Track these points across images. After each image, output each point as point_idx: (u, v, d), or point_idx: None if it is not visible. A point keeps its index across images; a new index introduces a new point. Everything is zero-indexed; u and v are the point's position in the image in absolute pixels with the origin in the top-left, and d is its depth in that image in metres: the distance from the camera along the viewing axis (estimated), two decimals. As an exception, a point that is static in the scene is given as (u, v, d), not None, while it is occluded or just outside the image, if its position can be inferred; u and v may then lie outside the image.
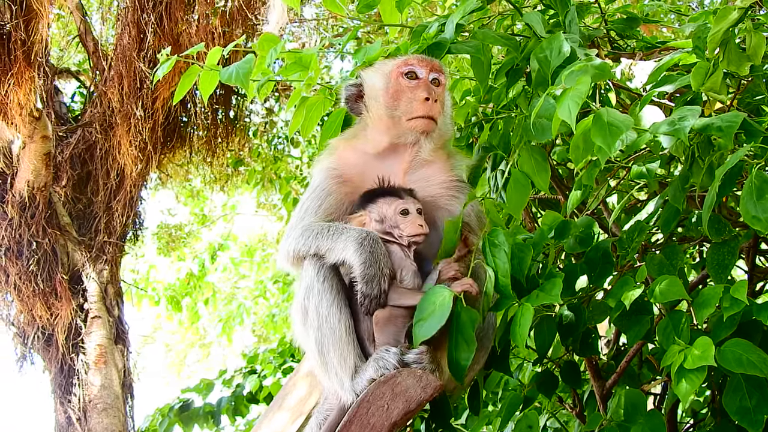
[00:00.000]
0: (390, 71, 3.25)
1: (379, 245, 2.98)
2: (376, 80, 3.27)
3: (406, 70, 3.21)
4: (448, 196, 3.22)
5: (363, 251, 2.95)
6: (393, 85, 3.21)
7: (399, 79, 3.21)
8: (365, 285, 2.92)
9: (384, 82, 3.24)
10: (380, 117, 3.21)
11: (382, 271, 2.95)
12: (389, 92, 3.21)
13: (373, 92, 3.26)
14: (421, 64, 3.22)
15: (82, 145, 10.09)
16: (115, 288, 10.14)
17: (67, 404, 9.31)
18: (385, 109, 3.20)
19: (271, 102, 11.83)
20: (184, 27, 9.41)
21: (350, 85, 3.33)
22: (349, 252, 2.97)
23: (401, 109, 3.18)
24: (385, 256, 2.98)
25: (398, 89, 3.20)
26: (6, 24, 8.20)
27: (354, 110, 3.34)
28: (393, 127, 3.19)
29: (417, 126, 3.15)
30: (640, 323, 2.97)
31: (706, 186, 2.67)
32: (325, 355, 3.01)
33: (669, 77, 2.98)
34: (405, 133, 3.18)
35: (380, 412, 2.78)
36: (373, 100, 3.25)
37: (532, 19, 3.24)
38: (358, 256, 2.95)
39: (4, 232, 9.26)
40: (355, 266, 2.95)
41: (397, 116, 3.18)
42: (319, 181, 3.23)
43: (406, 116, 3.17)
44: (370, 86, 3.28)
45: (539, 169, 3.10)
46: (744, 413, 2.67)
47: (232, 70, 3.31)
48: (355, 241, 2.97)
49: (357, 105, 3.32)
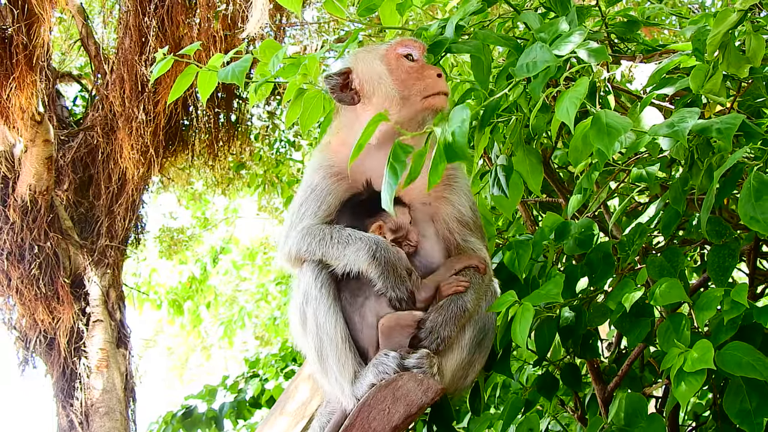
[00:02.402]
0: (387, 53, 3.19)
1: (390, 251, 2.97)
2: (374, 64, 3.19)
3: (405, 52, 3.17)
4: (446, 187, 3.19)
5: (378, 263, 2.94)
6: (396, 66, 3.15)
7: (400, 60, 3.16)
8: (392, 291, 2.94)
9: (385, 64, 3.17)
10: (387, 98, 3.11)
11: (401, 276, 2.96)
12: (395, 74, 3.14)
13: (371, 76, 3.17)
14: (415, 45, 3.20)
15: (84, 149, 10.11)
16: (117, 292, 10.15)
17: (69, 408, 9.32)
18: (395, 91, 3.10)
19: (273, 105, 11.84)
20: (185, 31, 9.43)
21: (334, 74, 3.20)
22: (364, 264, 2.95)
23: (414, 89, 3.10)
24: (399, 258, 2.99)
25: (404, 69, 3.14)
26: (8, 28, 8.22)
27: (344, 100, 3.21)
28: (404, 108, 3.10)
29: (436, 103, 3.09)
30: (640, 326, 2.97)
31: (705, 188, 2.66)
32: (325, 360, 3.01)
33: (669, 79, 2.98)
34: (419, 112, 3.10)
35: (381, 416, 2.78)
36: (375, 84, 3.15)
37: (529, 18, 3.24)
38: (374, 268, 2.94)
39: (6, 235, 9.28)
40: (374, 278, 2.95)
41: (410, 96, 3.10)
42: (317, 181, 3.17)
43: (422, 94, 3.09)
44: (365, 71, 3.18)
45: (533, 171, 3.09)
46: (744, 416, 2.66)
47: (230, 69, 3.30)
48: (367, 253, 2.95)
49: (345, 93, 3.20)
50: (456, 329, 3.01)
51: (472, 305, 3.05)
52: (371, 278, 2.95)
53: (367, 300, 3.00)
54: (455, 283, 3.04)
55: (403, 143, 2.57)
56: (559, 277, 2.92)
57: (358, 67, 3.20)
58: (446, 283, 3.05)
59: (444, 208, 3.18)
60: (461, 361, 3.08)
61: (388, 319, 2.99)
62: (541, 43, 2.76)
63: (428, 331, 2.97)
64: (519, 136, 3.22)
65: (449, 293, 3.02)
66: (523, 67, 2.76)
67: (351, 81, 3.20)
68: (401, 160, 2.54)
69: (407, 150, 2.55)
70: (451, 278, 3.06)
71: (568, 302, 3.18)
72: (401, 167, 2.53)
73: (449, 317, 2.99)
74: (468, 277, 3.07)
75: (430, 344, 2.95)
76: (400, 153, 2.55)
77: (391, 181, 2.54)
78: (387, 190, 2.55)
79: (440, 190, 3.18)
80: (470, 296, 3.04)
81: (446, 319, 2.99)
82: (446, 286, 3.04)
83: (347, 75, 3.20)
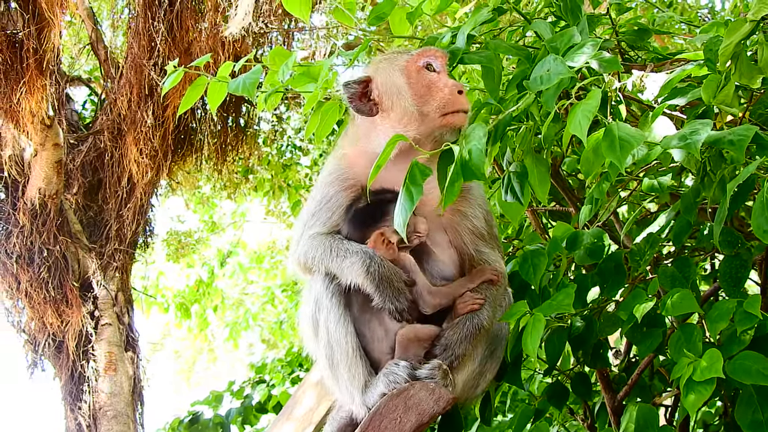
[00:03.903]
0: (407, 64, 3.07)
1: (384, 266, 2.95)
2: (393, 75, 3.07)
3: (425, 63, 3.06)
4: (461, 199, 3.14)
5: (372, 278, 2.92)
6: (417, 78, 3.04)
7: (421, 72, 3.05)
8: (389, 304, 2.92)
9: (403, 76, 3.06)
10: (406, 114, 3.01)
11: (398, 288, 2.94)
12: (415, 87, 3.02)
13: (390, 88, 3.05)
14: (437, 55, 3.08)
15: (93, 153, 10.13)
16: (126, 295, 10.17)
17: (78, 411, 9.32)
18: (414, 106, 3.00)
19: (281, 109, 11.84)
20: (194, 35, 9.44)
21: (353, 82, 3.09)
22: (359, 279, 2.95)
23: (434, 104, 2.99)
24: (395, 272, 2.96)
25: (425, 83, 3.02)
26: (18, 32, 8.24)
27: (361, 110, 3.10)
28: (422, 124, 3.00)
29: (455, 121, 2.99)
30: (652, 336, 2.97)
31: (717, 199, 2.66)
32: (336, 368, 3.02)
33: (680, 90, 2.97)
34: (437, 129, 3.01)
35: (393, 425, 2.79)
36: (393, 97, 3.04)
37: (540, 27, 3.24)
38: (369, 283, 2.93)
39: (16, 239, 9.29)
40: (371, 292, 2.94)
41: (429, 112, 3.00)
42: (331, 193, 3.14)
43: (441, 111, 2.99)
44: (384, 82, 3.07)
45: (541, 180, 3.08)
46: (756, 426, 2.65)
47: (240, 81, 3.29)
48: (361, 268, 2.94)
49: (363, 103, 3.10)
50: (471, 347, 3.01)
51: (488, 322, 3.04)
52: (368, 292, 2.94)
53: (376, 311, 3.00)
54: (471, 301, 3.03)
55: (421, 165, 2.55)
56: (570, 287, 2.91)
57: (378, 77, 3.10)
58: (461, 302, 3.03)
59: (457, 219, 3.15)
60: (473, 371, 3.09)
61: (408, 331, 2.99)
62: (554, 55, 2.75)
63: (443, 347, 2.97)
64: (529, 145, 3.21)
65: (465, 312, 3.02)
66: (537, 80, 2.74)
67: (370, 91, 3.10)
68: (418, 184, 2.52)
69: (426, 173, 2.52)
70: (466, 296, 3.04)
71: (579, 312, 3.17)
72: (418, 192, 2.51)
73: (464, 335, 2.99)
74: (483, 294, 3.05)
75: (444, 360, 2.95)
76: (418, 175, 2.53)
77: (406, 206, 2.53)
78: (401, 214, 2.54)
79: (455, 202, 3.09)
80: (486, 313, 3.03)
81: (461, 337, 2.98)
82: (461, 305, 3.03)
83: (367, 84, 3.10)
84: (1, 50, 8.06)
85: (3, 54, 8.09)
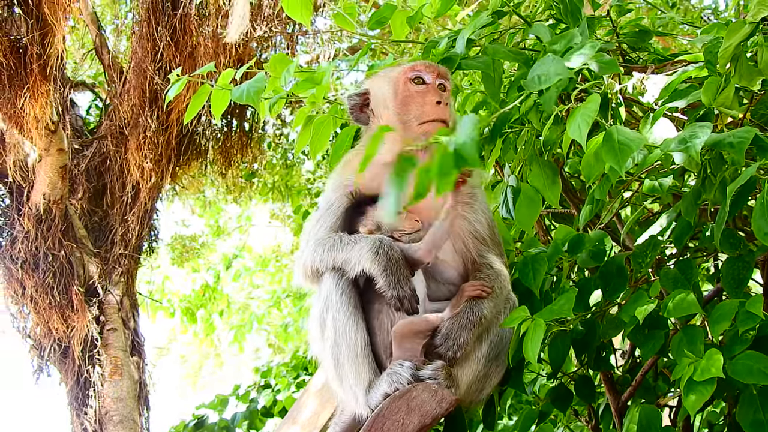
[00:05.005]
0: (397, 77, 3.24)
1: (393, 249, 3.00)
2: (384, 87, 3.26)
3: (414, 76, 3.20)
4: (462, 203, 3.19)
5: (380, 259, 2.97)
6: (402, 90, 3.20)
7: (407, 84, 3.19)
8: (393, 290, 2.94)
9: (392, 88, 3.23)
10: (390, 122, 3.16)
11: (404, 274, 2.97)
12: (398, 98, 3.19)
13: (380, 99, 3.26)
14: (428, 69, 3.22)
15: (98, 158, 10.14)
16: (131, 300, 10.18)
17: (84, 416, 9.34)
18: (396, 115, 3.18)
19: (285, 113, 11.86)
20: (197, 40, 9.46)
21: (354, 94, 3.32)
22: (367, 262, 2.98)
23: (412, 114, 3.15)
24: (401, 257, 3.00)
25: (407, 94, 3.18)
26: (22, 38, 8.26)
27: (360, 120, 3.34)
28: (404, 133, 3.13)
29: (429, 130, 3.08)
30: (654, 338, 2.97)
31: (718, 201, 2.66)
32: (341, 368, 3.03)
33: (681, 92, 2.98)
34: (416, 138, 3.09)
35: (396, 426, 2.79)
36: (381, 107, 3.25)
37: (540, 30, 3.25)
38: (377, 265, 2.97)
39: (21, 244, 9.31)
40: (376, 275, 2.97)
41: (408, 121, 3.15)
42: (334, 199, 3.24)
43: (418, 120, 3.13)
44: (377, 94, 3.28)
45: (550, 184, 3.09)
46: (758, 426, 2.65)
47: (244, 89, 3.32)
48: (369, 251, 2.99)
49: (363, 114, 3.32)
50: (473, 337, 3.01)
51: (489, 312, 3.06)
52: (374, 276, 2.97)
53: (384, 307, 3.02)
54: (479, 285, 3.06)
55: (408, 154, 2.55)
56: (571, 291, 2.92)
57: (373, 89, 3.30)
58: (470, 285, 3.07)
59: (460, 224, 3.19)
60: (477, 373, 3.09)
61: (401, 326, 2.99)
62: (553, 55, 2.76)
63: (444, 337, 2.99)
64: (532, 150, 3.22)
65: (472, 295, 3.04)
66: (535, 79, 2.75)
67: (369, 102, 3.30)
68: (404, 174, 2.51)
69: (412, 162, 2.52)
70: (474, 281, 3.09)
71: (581, 316, 3.18)
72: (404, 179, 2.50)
73: (466, 323, 3.00)
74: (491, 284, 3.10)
75: (446, 351, 2.96)
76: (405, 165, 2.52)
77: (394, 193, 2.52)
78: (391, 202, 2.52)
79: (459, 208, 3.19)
80: (488, 304, 3.06)
81: (462, 325, 3.00)
82: (470, 288, 3.06)
83: (366, 96, 3.31)
84: (5, 55, 8.07)
85: (7, 59, 8.10)
